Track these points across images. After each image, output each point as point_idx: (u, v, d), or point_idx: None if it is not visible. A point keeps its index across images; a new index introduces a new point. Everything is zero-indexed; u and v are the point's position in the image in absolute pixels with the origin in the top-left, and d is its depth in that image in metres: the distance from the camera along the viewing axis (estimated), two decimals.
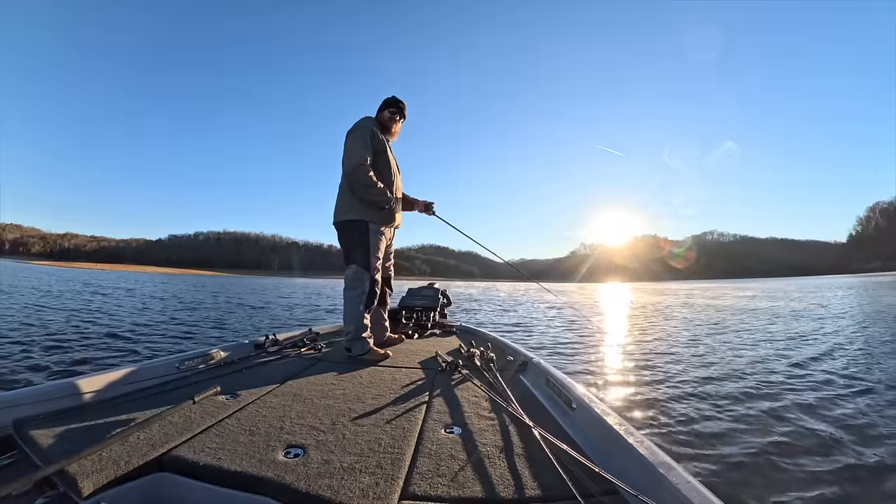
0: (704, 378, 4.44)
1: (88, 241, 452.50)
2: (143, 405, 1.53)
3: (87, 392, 1.59)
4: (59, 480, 1.00)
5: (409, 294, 4.01)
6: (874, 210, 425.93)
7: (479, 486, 1.05)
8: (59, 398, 1.49)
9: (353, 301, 2.56)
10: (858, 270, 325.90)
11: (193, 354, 2.19)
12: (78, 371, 4.42)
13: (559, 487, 1.04)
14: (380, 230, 2.66)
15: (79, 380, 1.60)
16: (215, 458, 1.14)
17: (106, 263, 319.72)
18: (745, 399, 3.67)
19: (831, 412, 3.33)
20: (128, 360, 5.00)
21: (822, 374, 4.58)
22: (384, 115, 2.81)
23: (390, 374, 2.13)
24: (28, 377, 4.01)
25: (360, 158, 2.50)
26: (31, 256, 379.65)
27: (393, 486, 1.03)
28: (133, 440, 1.20)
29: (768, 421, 3.14)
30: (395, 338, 3.03)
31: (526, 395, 1.82)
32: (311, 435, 1.32)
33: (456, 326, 3.70)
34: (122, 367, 1.82)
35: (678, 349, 6.41)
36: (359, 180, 2.51)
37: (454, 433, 1.37)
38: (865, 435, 2.85)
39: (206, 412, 1.47)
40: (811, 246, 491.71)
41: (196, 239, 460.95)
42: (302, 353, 2.56)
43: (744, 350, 6.26)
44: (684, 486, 0.89)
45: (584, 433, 1.39)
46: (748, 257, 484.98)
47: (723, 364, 5.21)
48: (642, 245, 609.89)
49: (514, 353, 2.45)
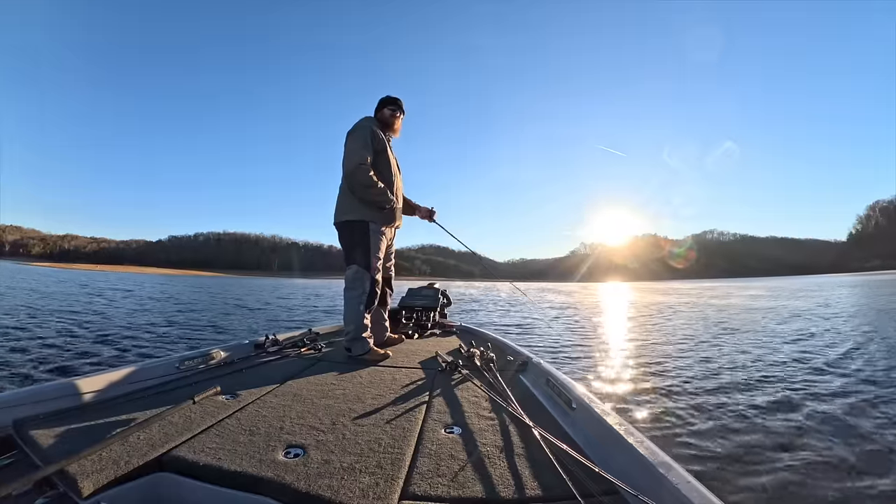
0: (704, 379, 4.44)
1: (88, 242, 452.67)
2: (143, 405, 1.53)
3: (87, 392, 1.59)
4: (59, 480, 1.00)
5: (409, 294, 4.01)
6: (874, 209, 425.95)
7: (479, 486, 1.05)
8: (59, 398, 1.49)
9: (354, 301, 2.56)
10: (859, 269, 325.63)
11: (193, 354, 2.19)
12: (70, 370, 4.43)
13: (559, 487, 1.04)
14: (380, 230, 2.66)
15: (79, 380, 1.60)
16: (215, 458, 1.14)
17: (106, 265, 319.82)
18: (746, 399, 3.67)
19: (833, 412, 3.33)
20: (127, 361, 4.99)
21: (833, 375, 4.57)
22: (384, 113, 2.81)
23: (390, 374, 2.13)
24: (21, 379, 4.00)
25: (361, 158, 2.50)
26: (31, 258, 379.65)
27: (393, 486, 1.03)
28: (133, 440, 1.20)
29: (768, 421, 3.14)
30: (395, 338, 3.03)
31: (526, 395, 1.82)
32: (311, 435, 1.32)
33: (456, 326, 3.70)
34: (122, 367, 1.82)
35: (678, 349, 6.41)
36: (359, 180, 2.51)
37: (454, 433, 1.37)
38: (872, 437, 2.84)
39: (206, 412, 1.47)
40: (811, 245, 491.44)
41: (196, 240, 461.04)
42: (302, 354, 2.55)
43: (744, 350, 6.26)
44: (684, 486, 0.89)
45: (584, 433, 1.39)
46: (748, 256, 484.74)
47: (723, 364, 5.21)
48: (642, 244, 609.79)
49: (514, 353, 2.45)
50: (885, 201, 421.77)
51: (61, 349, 5.43)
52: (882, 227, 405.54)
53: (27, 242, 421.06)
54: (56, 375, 4.24)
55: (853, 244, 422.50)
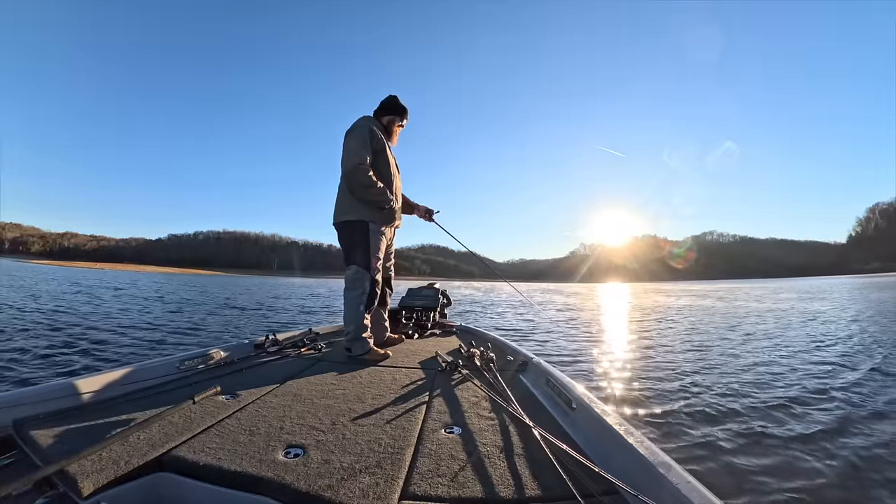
0: (705, 378, 4.44)
1: (88, 240, 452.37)
2: (143, 405, 1.53)
3: (87, 392, 1.59)
4: (59, 480, 1.00)
5: (409, 294, 4.01)
6: (874, 211, 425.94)
7: (479, 486, 1.05)
8: (59, 398, 1.49)
9: (354, 301, 2.56)
10: (859, 271, 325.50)
11: (193, 354, 2.19)
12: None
13: (559, 487, 1.04)
14: (380, 230, 2.66)
15: (79, 380, 1.60)
16: (215, 458, 1.14)
17: (105, 263, 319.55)
18: (746, 399, 3.67)
19: (834, 412, 3.33)
20: (127, 361, 4.95)
21: (833, 374, 4.58)
22: (385, 119, 2.81)
23: (390, 374, 2.13)
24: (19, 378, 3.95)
25: (360, 158, 2.50)
26: (30, 255, 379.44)
27: (393, 486, 1.03)
28: (133, 440, 1.20)
29: (769, 421, 3.14)
30: (395, 338, 3.03)
31: (526, 395, 1.82)
32: (311, 435, 1.32)
33: (456, 326, 3.70)
34: (122, 367, 1.82)
35: (678, 350, 6.41)
36: (358, 180, 2.50)
37: (454, 433, 1.37)
38: (873, 439, 2.83)
39: (206, 412, 1.47)
40: (810, 246, 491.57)
41: (196, 238, 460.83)
42: (302, 353, 2.55)
43: (745, 350, 6.27)
44: (684, 486, 0.89)
45: (584, 433, 1.39)
46: (748, 257, 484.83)
47: (724, 364, 5.22)
48: (642, 245, 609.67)
49: (514, 353, 2.45)
50: (884, 203, 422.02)
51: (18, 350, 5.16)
52: (882, 230, 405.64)
53: (26, 240, 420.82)
54: (56, 375, 4.22)
55: (853, 246, 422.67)
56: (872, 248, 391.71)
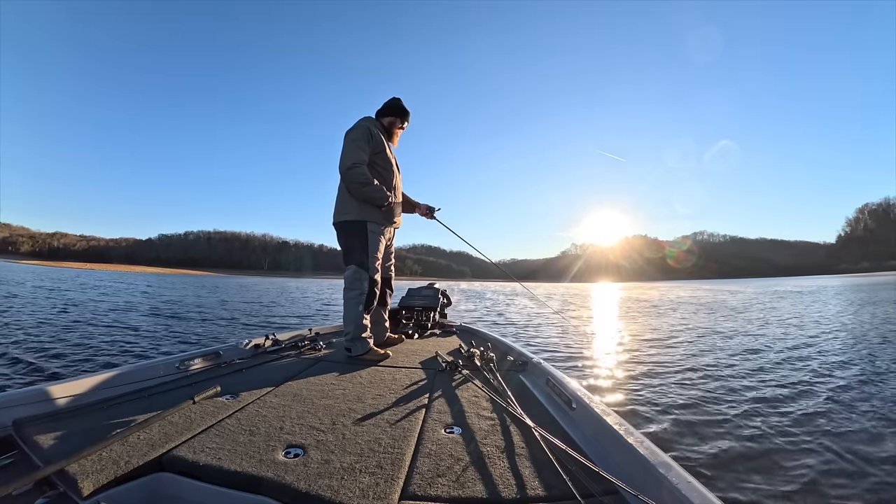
0: (705, 379, 4.48)
1: (78, 240, 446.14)
2: (143, 405, 1.52)
3: (87, 392, 1.58)
4: (59, 480, 1.00)
5: (409, 294, 4.02)
6: (863, 211, 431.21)
7: (480, 486, 1.05)
8: (59, 398, 1.48)
9: (353, 301, 2.56)
10: (848, 271, 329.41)
11: (193, 354, 2.18)
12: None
13: (559, 487, 1.04)
14: (379, 230, 2.66)
15: (79, 380, 1.59)
16: (215, 458, 1.14)
17: (95, 263, 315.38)
18: (747, 399, 3.71)
19: (835, 411, 3.36)
20: (127, 361, 4.89)
21: (830, 376, 4.62)
22: (386, 121, 2.82)
23: (390, 374, 2.13)
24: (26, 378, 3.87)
25: (356, 158, 2.51)
26: (20, 256, 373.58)
27: (393, 486, 1.03)
28: (133, 440, 1.20)
29: (768, 421, 3.17)
30: (395, 338, 3.03)
31: (526, 395, 1.83)
32: (311, 435, 1.32)
33: (456, 326, 3.70)
34: (121, 367, 1.82)
35: (679, 350, 6.46)
36: (354, 179, 2.51)
37: (454, 433, 1.38)
38: (874, 440, 2.86)
39: (206, 412, 1.47)
40: (800, 246, 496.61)
41: (186, 238, 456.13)
42: (302, 354, 2.55)
43: (745, 350, 6.32)
44: (684, 486, 0.90)
45: (583, 433, 1.40)
46: (738, 257, 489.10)
47: (724, 365, 5.26)
48: (634, 245, 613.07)
49: (514, 353, 2.46)
50: (874, 204, 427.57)
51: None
52: (871, 230, 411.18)
53: (16, 240, 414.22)
54: (56, 376, 4.15)
55: (841, 246, 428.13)
56: (861, 249, 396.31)
